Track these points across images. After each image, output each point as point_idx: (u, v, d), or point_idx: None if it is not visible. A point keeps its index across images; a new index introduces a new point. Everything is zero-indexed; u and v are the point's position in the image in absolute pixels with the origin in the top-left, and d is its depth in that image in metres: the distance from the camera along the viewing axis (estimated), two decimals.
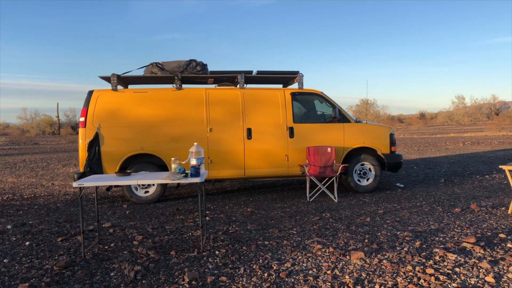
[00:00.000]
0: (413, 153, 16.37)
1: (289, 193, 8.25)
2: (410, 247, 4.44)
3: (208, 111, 7.63)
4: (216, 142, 7.59)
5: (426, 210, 6.32)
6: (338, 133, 8.04)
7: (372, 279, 3.59)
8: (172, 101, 7.60)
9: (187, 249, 4.57)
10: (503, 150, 16.30)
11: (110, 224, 5.86)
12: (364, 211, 6.42)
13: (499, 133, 29.34)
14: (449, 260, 4.02)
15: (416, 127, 53.07)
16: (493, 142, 20.80)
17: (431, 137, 27.81)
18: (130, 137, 7.39)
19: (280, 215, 6.24)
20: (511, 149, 16.56)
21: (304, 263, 4.04)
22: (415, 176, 10.06)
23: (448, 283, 3.46)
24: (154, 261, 4.21)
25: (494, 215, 5.91)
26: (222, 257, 4.29)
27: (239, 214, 6.41)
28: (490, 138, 23.80)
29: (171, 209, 6.88)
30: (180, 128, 7.53)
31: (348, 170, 8.06)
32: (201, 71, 7.75)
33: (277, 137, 7.83)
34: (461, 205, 6.58)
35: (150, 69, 7.77)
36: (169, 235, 5.22)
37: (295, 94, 8.10)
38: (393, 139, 8.24)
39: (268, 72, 8.03)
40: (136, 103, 7.51)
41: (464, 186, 8.47)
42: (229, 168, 7.65)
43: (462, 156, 14.38)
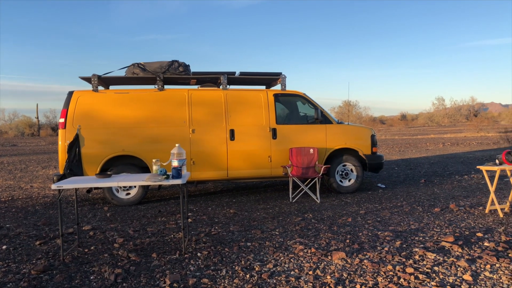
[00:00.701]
0: (394, 154, 16.60)
1: (272, 194, 8.26)
2: (391, 247, 4.50)
3: (191, 112, 7.59)
4: (199, 143, 7.56)
5: (406, 210, 6.41)
6: (320, 134, 8.09)
7: (353, 279, 3.62)
8: (154, 102, 7.53)
9: (169, 251, 4.54)
10: (481, 150, 16.66)
11: (91, 226, 5.77)
12: (346, 211, 6.47)
13: (478, 134, 29.99)
14: (428, 259, 4.09)
15: (398, 128, 53.83)
16: (472, 143, 21.24)
17: (412, 138, 28.25)
18: (111, 138, 7.29)
19: (263, 216, 6.25)
20: (489, 149, 16.93)
21: (286, 264, 4.05)
22: (396, 177, 10.20)
23: (427, 282, 3.51)
24: (135, 263, 4.16)
25: (472, 214, 6.03)
26: (204, 259, 4.27)
27: (221, 215, 6.39)
28: (469, 139, 24.30)
29: (153, 211, 6.81)
30: (162, 129, 7.47)
31: (330, 171, 8.12)
32: (183, 72, 7.71)
33: (260, 138, 7.84)
34: (441, 205, 6.70)
35: (132, 70, 7.68)
36: (151, 237, 5.17)
37: (278, 95, 8.12)
38: (374, 140, 8.34)
39: (251, 73, 8.04)
40: (117, 104, 7.42)
41: (444, 186, 8.62)
42: (212, 169, 7.63)
43: (442, 157, 14.65)
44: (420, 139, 26.01)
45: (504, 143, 17.20)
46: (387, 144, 22.57)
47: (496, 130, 33.96)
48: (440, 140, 24.07)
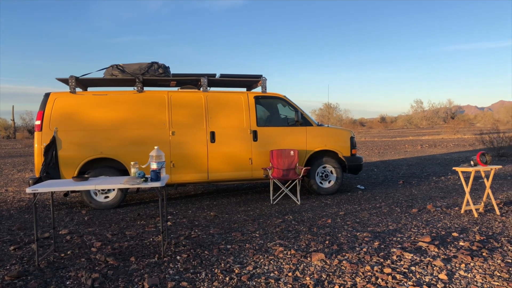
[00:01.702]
0: (373, 155, 16.82)
1: (253, 197, 8.26)
2: (369, 248, 4.55)
3: (171, 114, 7.54)
4: (179, 145, 7.51)
5: (385, 211, 6.50)
6: (300, 137, 8.14)
7: (332, 280, 3.65)
8: (133, 104, 7.45)
9: (148, 255, 4.48)
10: (458, 152, 17.03)
11: (68, 230, 5.66)
12: (325, 213, 6.52)
13: (455, 136, 30.66)
14: (405, 259, 4.15)
15: (377, 130, 54.58)
16: (449, 144, 21.70)
17: (391, 140, 28.68)
18: (89, 141, 7.17)
19: (243, 219, 6.24)
20: (465, 151, 17.33)
21: (266, 266, 4.05)
22: (375, 178, 10.33)
23: (404, 282, 3.57)
24: (113, 268, 4.10)
25: (448, 214, 6.16)
26: (184, 262, 4.23)
27: (202, 218, 6.36)
28: (446, 141, 24.82)
29: (132, 215, 6.73)
30: (142, 131, 7.39)
31: (311, 173, 8.17)
32: (163, 74, 7.65)
33: (241, 140, 7.83)
34: (418, 206, 6.82)
35: (111, 71, 7.58)
36: (129, 241, 5.10)
37: (259, 97, 8.14)
38: (354, 142, 8.44)
39: (232, 75, 8.03)
40: (95, 105, 7.31)
41: (421, 187, 8.78)
42: (192, 172, 7.58)
43: (420, 159, 14.91)
44: (399, 141, 26.43)
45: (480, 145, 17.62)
46: (366, 146, 22.85)
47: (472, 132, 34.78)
48: (418, 142, 24.51)
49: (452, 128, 35.94)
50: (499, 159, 13.86)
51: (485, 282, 3.52)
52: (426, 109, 70.84)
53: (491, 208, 6.47)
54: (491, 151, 15.10)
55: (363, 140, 29.92)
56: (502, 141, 15.39)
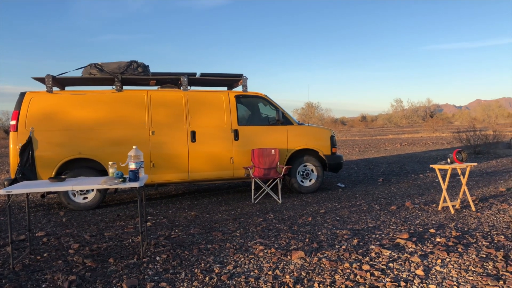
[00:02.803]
0: (354, 154, 17.00)
1: (234, 196, 8.25)
2: (348, 245, 4.60)
3: (150, 114, 7.46)
4: (159, 145, 7.44)
5: (364, 209, 6.57)
6: (281, 136, 8.16)
7: (312, 278, 3.67)
8: (112, 103, 7.34)
9: (127, 256, 4.43)
10: (436, 150, 17.36)
11: (44, 232, 5.55)
12: (306, 211, 6.56)
13: (433, 134, 31.24)
14: (384, 256, 4.21)
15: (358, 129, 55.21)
16: (428, 142, 22.10)
17: (372, 138, 29.05)
18: (67, 141, 7.05)
19: (224, 218, 6.22)
20: (443, 149, 17.68)
21: (246, 265, 4.06)
22: (355, 176, 10.45)
23: (382, 278, 3.62)
24: (90, 269, 4.04)
25: (426, 211, 6.27)
26: (163, 262, 4.20)
27: (182, 218, 6.32)
28: (425, 139, 25.27)
29: (111, 215, 6.64)
30: (121, 131, 7.30)
31: (292, 172, 8.21)
32: (142, 73, 7.57)
33: (222, 139, 7.81)
34: (397, 203, 6.92)
35: (89, 70, 7.46)
36: (108, 242, 5.03)
37: (240, 96, 8.13)
38: (334, 141, 8.51)
39: (212, 74, 8.00)
40: (73, 105, 7.18)
41: (400, 185, 8.92)
42: (173, 171, 7.52)
43: (399, 157, 15.14)
44: (379, 140, 26.78)
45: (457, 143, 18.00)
46: (347, 144, 23.08)
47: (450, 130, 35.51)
48: (398, 140, 24.89)
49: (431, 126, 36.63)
50: (476, 157, 14.19)
51: (460, 277, 3.59)
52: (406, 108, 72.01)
53: (467, 205, 6.61)
54: (468, 149, 15.45)
55: (344, 139, 30.22)
56: (478, 139, 15.75)
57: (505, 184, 8.43)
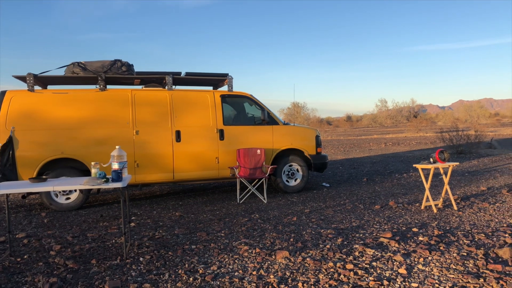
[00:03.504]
0: (339, 154, 17.12)
1: (219, 196, 8.23)
2: (333, 244, 4.62)
3: (134, 113, 7.39)
4: (143, 145, 7.37)
5: (349, 208, 6.62)
6: (267, 135, 8.17)
7: (296, 277, 3.68)
8: (95, 102, 7.25)
9: (110, 257, 4.38)
10: (420, 150, 17.59)
11: (25, 234, 5.45)
12: (291, 210, 6.58)
13: (417, 134, 31.65)
14: (367, 255, 4.24)
15: (343, 129, 55.61)
16: (412, 142, 22.37)
17: (356, 138, 29.28)
18: (49, 140, 6.93)
19: (209, 218, 6.20)
20: (427, 149, 17.92)
21: (230, 265, 4.04)
22: (340, 176, 10.52)
23: (365, 277, 3.64)
24: (72, 271, 3.98)
25: (409, 210, 6.34)
26: (147, 263, 4.16)
27: (167, 218, 6.27)
28: (409, 139, 25.58)
29: (94, 216, 6.55)
30: (104, 130, 7.21)
31: (277, 171, 8.22)
32: (126, 72, 7.49)
33: (207, 139, 7.78)
34: (381, 202, 6.99)
35: (72, 69, 7.35)
36: (91, 243, 4.96)
37: (225, 96, 8.11)
38: (319, 141, 8.55)
39: (197, 74, 7.96)
40: (55, 104, 7.07)
41: (384, 184, 9.01)
42: (157, 171, 7.46)
43: (384, 156, 15.30)
44: (364, 140, 27.02)
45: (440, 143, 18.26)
46: (332, 144, 23.23)
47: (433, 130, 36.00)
48: (383, 140, 25.15)
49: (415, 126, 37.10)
50: (458, 156, 14.42)
51: (441, 275, 3.64)
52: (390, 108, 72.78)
53: (449, 204, 6.71)
54: (450, 148, 15.68)
55: (329, 138, 30.40)
56: (460, 139, 16.01)
57: (486, 183, 8.58)
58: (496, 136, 24.91)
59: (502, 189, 7.72)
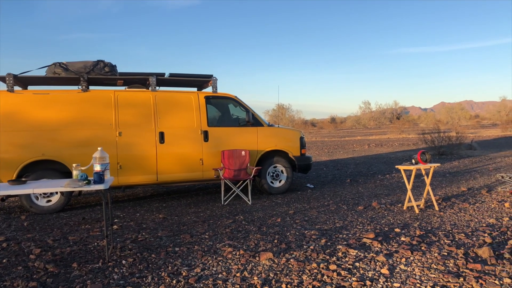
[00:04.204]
0: (323, 155, 17.23)
1: (203, 198, 8.19)
2: (316, 245, 4.65)
3: (117, 114, 7.31)
4: (126, 146, 7.29)
5: (332, 209, 6.66)
6: (252, 137, 8.17)
7: (280, 279, 3.69)
8: (77, 104, 7.15)
9: (91, 260, 4.32)
10: (403, 151, 17.83)
11: (4, 237, 5.33)
12: (275, 212, 6.59)
13: (400, 135, 32.06)
14: (350, 255, 4.28)
15: (327, 130, 55.99)
16: (394, 144, 22.65)
17: (340, 140, 29.52)
18: (29, 142, 6.80)
19: (193, 220, 6.17)
20: (410, 150, 18.17)
21: (214, 267, 4.03)
22: (324, 177, 10.58)
23: (348, 278, 3.67)
24: (52, 275, 3.90)
25: (392, 211, 6.42)
26: (129, 266, 4.11)
27: (150, 221, 6.22)
28: (392, 141, 25.90)
29: (76, 219, 6.45)
30: (86, 132, 7.11)
31: (262, 173, 8.23)
32: (109, 73, 7.40)
33: (191, 141, 7.74)
34: (364, 203, 7.05)
35: (53, 70, 7.23)
36: (72, 246, 4.89)
37: (209, 97, 8.08)
38: (303, 142, 8.59)
39: (181, 75, 7.92)
40: (36, 105, 6.94)
41: (368, 185, 9.10)
42: (141, 173, 7.39)
43: (367, 158, 15.46)
44: (347, 141, 27.25)
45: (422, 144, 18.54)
46: (317, 146, 23.37)
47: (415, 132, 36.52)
48: (366, 142, 25.40)
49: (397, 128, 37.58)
50: (440, 157, 14.66)
51: (423, 275, 3.69)
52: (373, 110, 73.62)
53: (431, 204, 6.82)
54: (432, 150, 15.94)
55: (313, 140, 30.57)
56: (442, 140, 16.28)
57: (466, 184, 8.74)
58: (476, 137, 25.42)
59: (482, 190, 7.88)
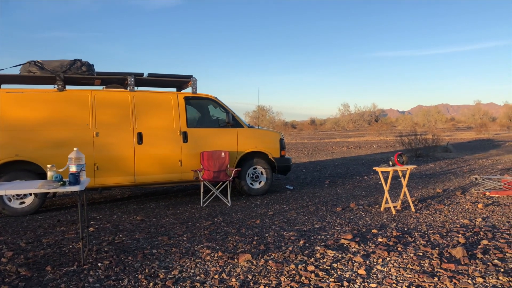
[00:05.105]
0: (303, 156, 17.33)
1: (182, 199, 8.13)
2: (295, 246, 4.66)
3: (94, 114, 7.18)
4: (103, 147, 7.17)
5: (311, 210, 6.71)
6: (232, 138, 8.15)
7: (258, 280, 3.68)
8: (53, 103, 6.99)
9: (66, 263, 4.22)
10: (380, 153, 18.09)
11: None
12: (255, 213, 6.59)
13: (378, 138, 32.54)
14: (328, 256, 4.31)
15: (307, 132, 56.38)
16: (372, 146, 22.98)
17: (320, 141, 29.76)
18: (2, 142, 6.61)
19: (171, 222, 6.11)
20: (387, 152, 18.45)
21: (192, 270, 3.99)
22: (303, 178, 10.64)
23: (326, 279, 3.69)
24: (25, 279, 3.80)
25: (370, 212, 6.50)
26: (105, 269, 4.04)
27: (127, 223, 6.12)
28: (370, 143, 26.26)
29: (51, 221, 6.30)
30: (62, 132, 6.96)
31: (241, 174, 8.22)
32: (86, 72, 7.27)
33: (170, 142, 7.67)
34: (342, 204, 7.12)
35: (28, 68, 7.06)
36: (46, 249, 4.77)
37: (189, 98, 8.03)
38: (283, 144, 8.62)
39: (160, 75, 7.84)
40: (9, 104, 6.75)
41: (346, 186, 9.20)
42: (118, 175, 7.28)
43: (346, 159, 15.63)
44: (327, 143, 27.50)
45: (400, 146, 18.87)
46: (297, 147, 23.50)
47: (393, 134, 37.12)
48: (345, 144, 25.68)
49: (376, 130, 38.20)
50: (416, 159, 14.94)
51: (399, 275, 3.75)
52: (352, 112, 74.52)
53: (408, 205, 6.93)
54: (409, 152, 16.23)
55: (293, 141, 30.72)
56: (419, 142, 16.61)
57: (442, 186, 8.93)
58: (452, 140, 26.03)
59: (457, 191, 8.06)
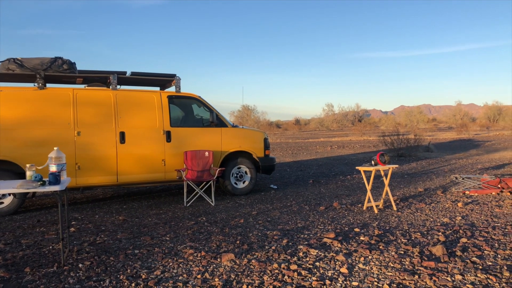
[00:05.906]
0: (287, 156, 17.39)
1: (166, 199, 8.07)
2: (278, 246, 4.68)
3: (76, 113, 7.07)
4: (85, 146, 7.07)
5: (295, 210, 6.74)
6: (216, 138, 8.13)
7: (241, 280, 3.68)
8: (33, 101, 6.86)
9: (46, 264, 4.15)
10: (363, 153, 18.27)
11: None
12: (239, 213, 6.58)
13: (361, 138, 32.84)
14: (311, 255, 4.33)
15: (292, 132, 56.57)
16: (356, 146, 23.19)
17: (304, 141, 29.90)
18: None
19: (154, 222, 6.06)
20: (370, 152, 18.65)
21: (174, 270, 3.97)
22: (287, 178, 10.68)
23: (308, 277, 3.72)
24: (3, 280, 3.72)
25: (352, 211, 6.56)
26: (86, 270, 3.98)
27: (109, 223, 6.05)
28: (354, 143, 26.50)
29: (30, 221, 6.19)
30: (43, 131, 6.84)
31: (226, 174, 8.20)
32: (68, 70, 7.14)
33: (153, 141, 7.60)
34: (325, 204, 7.17)
35: (7, 65, 6.90)
36: (25, 250, 4.68)
37: (172, 97, 7.97)
38: (267, 143, 8.64)
39: (144, 73, 7.77)
40: None
41: (329, 186, 9.26)
42: (100, 174, 7.18)
43: (329, 159, 15.74)
44: (311, 142, 27.65)
45: (382, 146, 19.10)
46: (281, 147, 23.56)
47: (376, 134, 37.54)
48: (328, 143, 25.86)
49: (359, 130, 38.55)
50: (399, 159, 15.13)
51: (380, 273, 3.80)
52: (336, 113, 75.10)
53: (389, 204, 7.02)
54: (391, 151, 16.43)
55: (278, 141, 30.79)
56: (401, 142, 16.83)
57: (423, 185, 9.07)
58: (433, 140, 26.45)
59: (437, 190, 8.20)
